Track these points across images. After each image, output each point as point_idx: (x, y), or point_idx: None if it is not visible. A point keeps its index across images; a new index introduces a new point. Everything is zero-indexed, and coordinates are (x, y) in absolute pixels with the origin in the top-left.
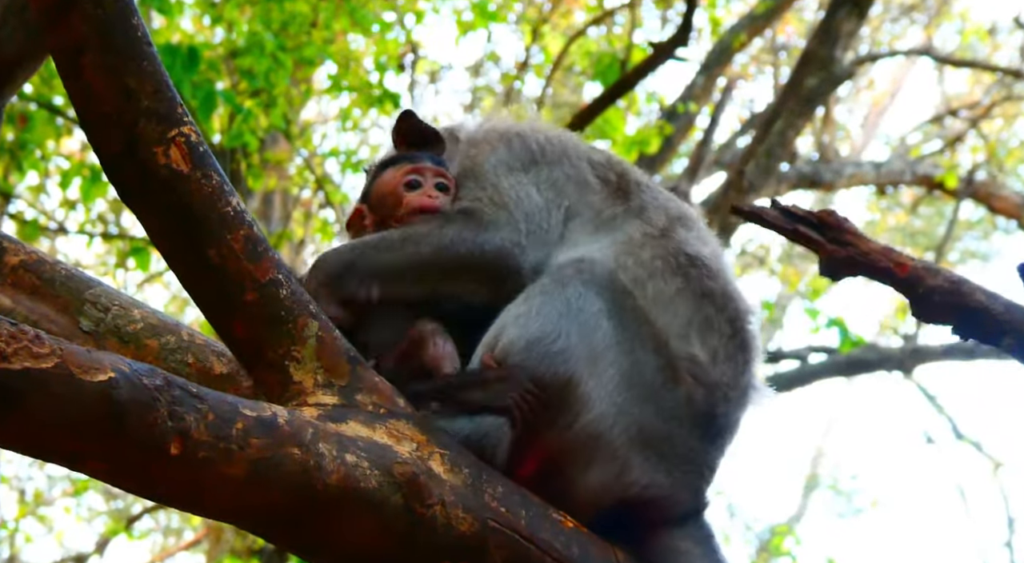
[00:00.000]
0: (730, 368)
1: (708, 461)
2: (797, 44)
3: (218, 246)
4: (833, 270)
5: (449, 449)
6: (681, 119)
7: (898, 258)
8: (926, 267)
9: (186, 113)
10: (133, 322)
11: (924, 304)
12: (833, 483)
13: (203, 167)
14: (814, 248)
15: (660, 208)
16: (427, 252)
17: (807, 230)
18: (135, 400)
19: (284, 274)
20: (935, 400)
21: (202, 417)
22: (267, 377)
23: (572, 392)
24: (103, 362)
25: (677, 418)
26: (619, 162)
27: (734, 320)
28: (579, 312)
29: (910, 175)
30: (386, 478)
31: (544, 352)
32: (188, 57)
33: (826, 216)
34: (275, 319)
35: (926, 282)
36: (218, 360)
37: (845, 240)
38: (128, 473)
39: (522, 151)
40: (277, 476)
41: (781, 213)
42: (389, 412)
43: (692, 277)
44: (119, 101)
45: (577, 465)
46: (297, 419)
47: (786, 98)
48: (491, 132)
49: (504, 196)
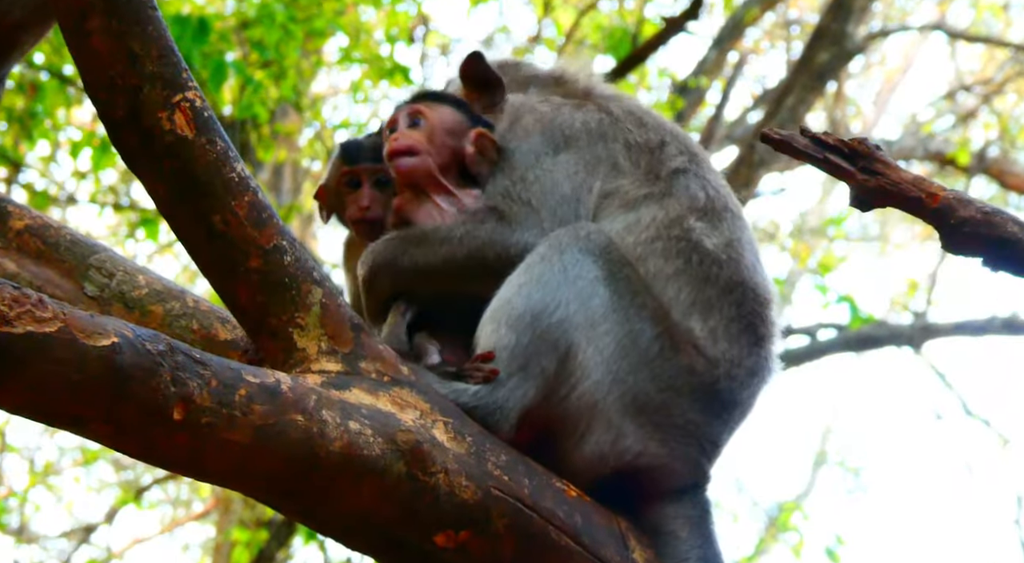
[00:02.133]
0: (734, 348)
1: (709, 434)
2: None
3: (223, 212)
4: (863, 200)
5: (452, 417)
6: (692, 94)
7: (929, 188)
8: (958, 197)
9: (191, 78)
10: (138, 288)
11: (954, 235)
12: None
13: (207, 132)
14: (844, 177)
15: (687, 197)
16: (461, 255)
17: (837, 159)
18: (138, 365)
19: (288, 240)
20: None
21: (205, 383)
22: (271, 344)
23: (571, 361)
24: (107, 327)
25: (675, 388)
26: (661, 144)
27: (741, 304)
28: (576, 279)
29: (922, 151)
30: (389, 446)
31: (547, 324)
32: (198, 28)
33: (857, 144)
34: (279, 285)
35: (957, 213)
36: (223, 327)
37: (876, 169)
38: (131, 438)
39: (555, 133)
40: (280, 443)
41: (811, 141)
42: (393, 380)
43: (693, 261)
44: (123, 66)
45: (573, 433)
46: (300, 386)
47: (798, 73)
48: (533, 111)
49: (531, 191)
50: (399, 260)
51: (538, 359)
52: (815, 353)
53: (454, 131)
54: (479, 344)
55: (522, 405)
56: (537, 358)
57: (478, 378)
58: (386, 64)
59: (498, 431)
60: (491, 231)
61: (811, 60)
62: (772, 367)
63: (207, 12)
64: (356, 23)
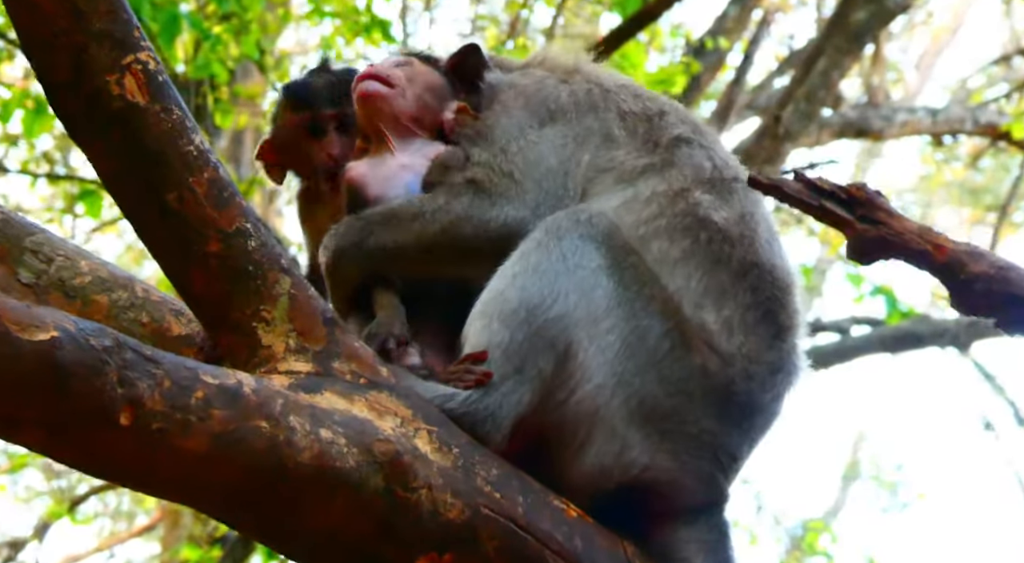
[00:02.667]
0: (751, 341)
1: (726, 446)
2: None
3: (178, 189)
4: (862, 252)
5: (438, 426)
6: (710, 56)
7: (936, 240)
8: (968, 251)
9: (144, 38)
10: (80, 275)
11: (964, 293)
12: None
13: (162, 99)
14: (841, 227)
15: (691, 167)
16: (434, 231)
17: (834, 206)
18: (81, 363)
19: (253, 223)
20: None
21: (157, 383)
22: (232, 340)
23: (571, 361)
24: (45, 319)
25: (686, 392)
26: (660, 112)
27: (758, 289)
28: (576, 269)
29: (971, 123)
30: (365, 457)
31: (544, 320)
32: None
33: (856, 191)
34: (242, 274)
35: (968, 268)
36: (176, 320)
37: (877, 218)
38: (70, 444)
39: (540, 107)
40: (241, 452)
41: (805, 186)
42: (370, 382)
43: (701, 240)
44: (67, 21)
45: (572, 443)
46: (265, 388)
47: (830, 33)
48: (513, 86)
49: (513, 162)
50: (365, 242)
51: (535, 359)
52: (847, 352)
53: (436, 92)
54: (468, 341)
55: (516, 412)
56: (534, 358)
57: (469, 382)
58: (362, 18)
59: (489, 441)
60: (468, 205)
61: (846, 18)
62: (797, 363)
63: None
64: None
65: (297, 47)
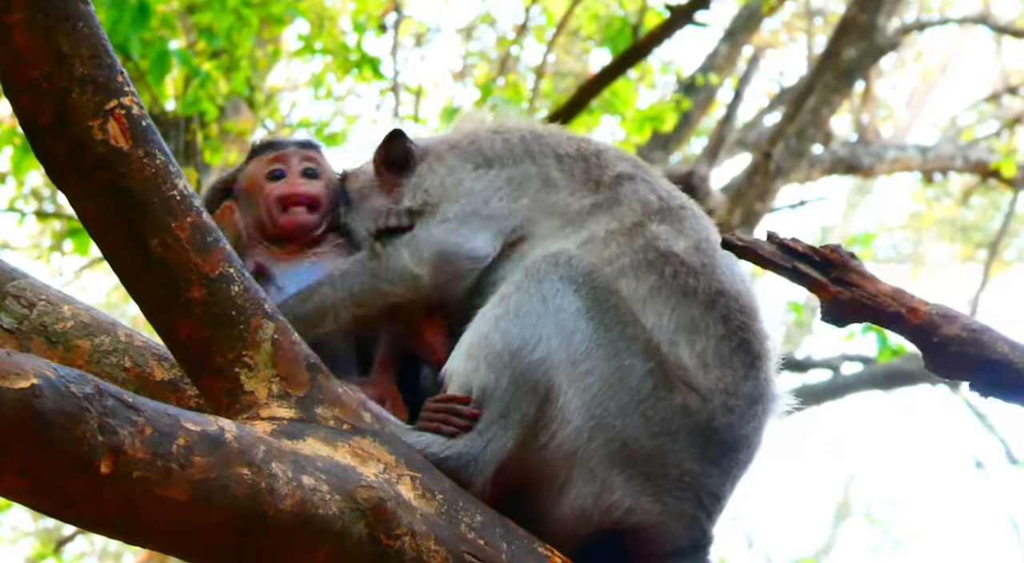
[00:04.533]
0: (727, 373)
1: (709, 487)
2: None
3: (161, 235)
4: (837, 315)
5: (421, 472)
6: (701, 93)
7: (910, 303)
8: (942, 313)
9: (128, 82)
10: (62, 320)
11: (938, 356)
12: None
13: (146, 144)
14: (815, 289)
15: (637, 201)
16: (353, 293)
17: (807, 268)
18: (61, 410)
19: (236, 268)
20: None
21: (138, 431)
22: (214, 386)
23: (551, 405)
24: (25, 366)
25: (669, 433)
26: (596, 152)
27: (728, 318)
28: (557, 311)
29: (961, 161)
30: (348, 504)
31: (527, 363)
32: (138, 11)
33: (829, 253)
34: (225, 319)
35: (941, 330)
36: (159, 365)
37: (850, 281)
38: (50, 493)
39: (474, 154)
40: (223, 500)
41: (779, 248)
42: (353, 428)
43: (667, 275)
44: (50, 66)
45: (552, 486)
46: (247, 435)
47: (821, 71)
48: (444, 140)
49: (431, 195)
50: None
51: (519, 405)
52: (838, 390)
53: (333, 197)
54: (453, 381)
55: (500, 458)
56: (517, 403)
57: (454, 428)
58: (353, 55)
59: (471, 486)
60: (376, 264)
61: (836, 55)
62: (775, 391)
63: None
64: (319, 8)
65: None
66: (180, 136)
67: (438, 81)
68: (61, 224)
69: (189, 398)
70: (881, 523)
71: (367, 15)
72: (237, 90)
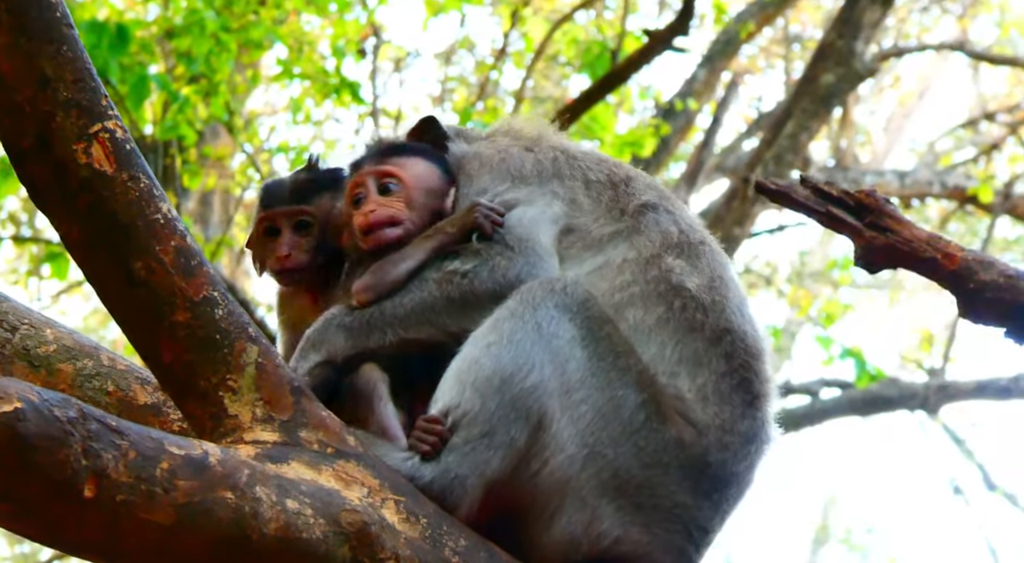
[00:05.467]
0: (725, 409)
1: (699, 520)
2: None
3: (145, 258)
4: (870, 260)
5: (405, 495)
6: (679, 118)
7: (946, 248)
8: (979, 259)
9: (111, 106)
10: (45, 343)
11: (973, 302)
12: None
13: (130, 168)
14: (850, 234)
15: (658, 232)
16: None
17: (841, 213)
18: (44, 434)
19: (220, 292)
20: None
21: (122, 455)
22: (198, 409)
23: (544, 433)
24: (8, 390)
25: (661, 464)
26: (625, 179)
27: (731, 356)
28: (551, 339)
29: (939, 186)
30: (332, 528)
31: (519, 390)
32: (117, 36)
33: (864, 197)
34: (209, 343)
35: (978, 276)
36: (142, 389)
37: (885, 226)
38: (33, 517)
39: (504, 175)
40: (207, 524)
41: (813, 192)
42: (337, 452)
43: (675, 307)
44: (33, 90)
45: (542, 513)
46: (231, 459)
47: (799, 96)
48: (477, 156)
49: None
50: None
51: (506, 428)
52: (816, 415)
53: (433, 189)
54: (435, 404)
55: (484, 479)
56: (505, 426)
57: (426, 447)
58: (332, 80)
59: (456, 510)
60: (459, 273)
61: (814, 81)
62: (770, 433)
63: (126, 18)
64: (298, 33)
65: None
66: (159, 161)
67: (417, 105)
68: (39, 249)
69: (172, 422)
70: (860, 548)
71: (346, 40)
72: (216, 115)
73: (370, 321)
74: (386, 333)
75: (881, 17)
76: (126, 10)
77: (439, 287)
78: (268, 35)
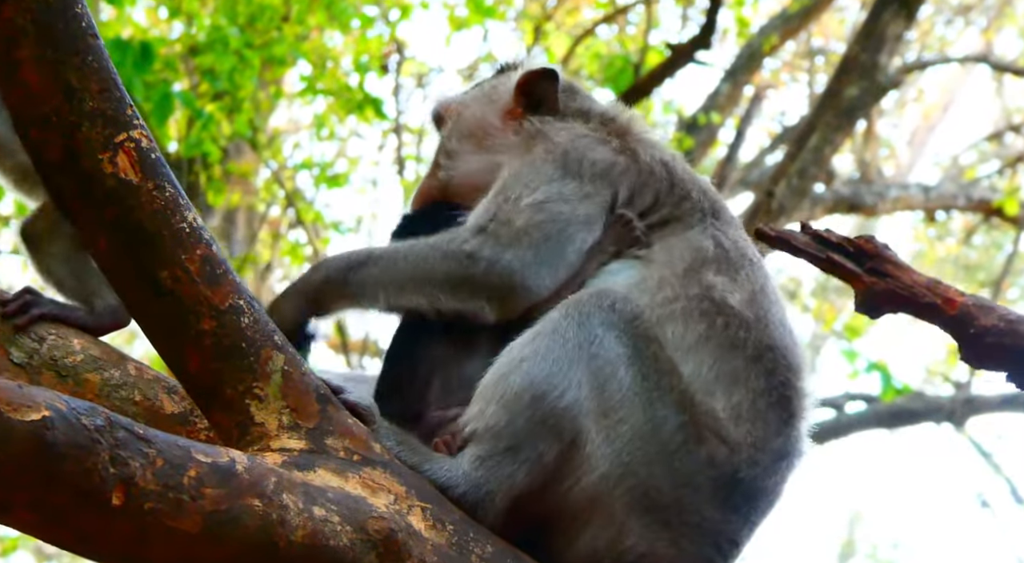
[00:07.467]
0: (759, 428)
1: (727, 532)
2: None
3: (171, 267)
4: (871, 305)
5: (432, 502)
6: (703, 132)
7: (946, 293)
8: (979, 304)
9: (137, 116)
10: (72, 353)
11: (974, 347)
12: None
13: (155, 177)
14: (850, 280)
15: (695, 248)
16: (429, 268)
17: (842, 259)
18: (72, 442)
19: (246, 300)
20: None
21: (149, 463)
22: (225, 418)
23: (578, 451)
24: (36, 399)
25: (692, 484)
26: (681, 199)
27: (772, 373)
28: (594, 357)
29: (964, 199)
30: (359, 535)
31: (550, 409)
32: (141, 54)
33: (864, 243)
34: (235, 351)
35: (978, 321)
36: (169, 398)
37: (885, 271)
38: (62, 526)
39: (563, 163)
40: (234, 531)
41: (813, 239)
42: (364, 459)
43: (717, 325)
44: (59, 101)
45: (568, 528)
46: (258, 466)
47: (823, 110)
48: (545, 140)
49: (522, 213)
50: (350, 274)
51: (533, 442)
52: (842, 429)
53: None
54: (461, 420)
55: (509, 489)
56: (532, 441)
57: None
58: (355, 96)
59: (483, 518)
60: (472, 247)
61: (838, 95)
62: (801, 449)
63: (151, 36)
64: (321, 50)
65: (290, 125)
66: (183, 178)
67: None
68: None
69: (199, 431)
70: None
71: (369, 56)
72: (240, 131)
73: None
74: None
75: (905, 30)
76: (150, 27)
77: (444, 261)
78: (291, 51)
